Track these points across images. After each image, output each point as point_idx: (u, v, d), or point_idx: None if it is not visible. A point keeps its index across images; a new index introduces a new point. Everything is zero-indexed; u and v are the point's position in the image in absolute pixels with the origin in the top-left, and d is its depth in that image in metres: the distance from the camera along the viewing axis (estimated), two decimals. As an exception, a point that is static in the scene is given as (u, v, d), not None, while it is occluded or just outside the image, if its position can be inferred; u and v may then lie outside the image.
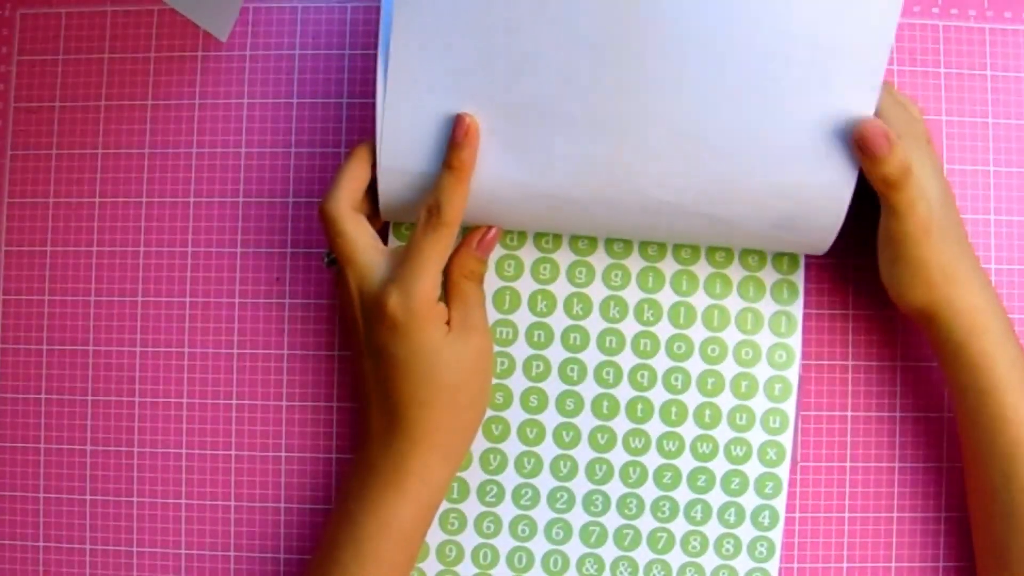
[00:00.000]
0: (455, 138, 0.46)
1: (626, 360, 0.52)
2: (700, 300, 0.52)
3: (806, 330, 0.53)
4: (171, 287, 0.54)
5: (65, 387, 0.54)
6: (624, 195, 0.47)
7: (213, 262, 0.54)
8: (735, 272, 0.52)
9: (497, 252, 0.52)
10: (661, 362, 0.52)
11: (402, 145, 0.47)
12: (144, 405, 0.53)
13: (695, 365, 0.52)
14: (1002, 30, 0.54)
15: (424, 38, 0.47)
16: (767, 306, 0.52)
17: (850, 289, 0.53)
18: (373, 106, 0.54)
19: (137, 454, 0.53)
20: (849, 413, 0.53)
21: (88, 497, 0.53)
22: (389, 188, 0.48)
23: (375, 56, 0.54)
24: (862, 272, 0.53)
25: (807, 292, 0.52)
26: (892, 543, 0.52)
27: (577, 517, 0.52)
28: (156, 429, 0.53)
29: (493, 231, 0.49)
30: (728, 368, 0.52)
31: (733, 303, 0.52)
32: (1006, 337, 0.47)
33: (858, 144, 0.44)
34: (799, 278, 0.52)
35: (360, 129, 0.54)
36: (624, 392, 0.52)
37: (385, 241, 0.51)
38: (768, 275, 0.52)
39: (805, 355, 0.53)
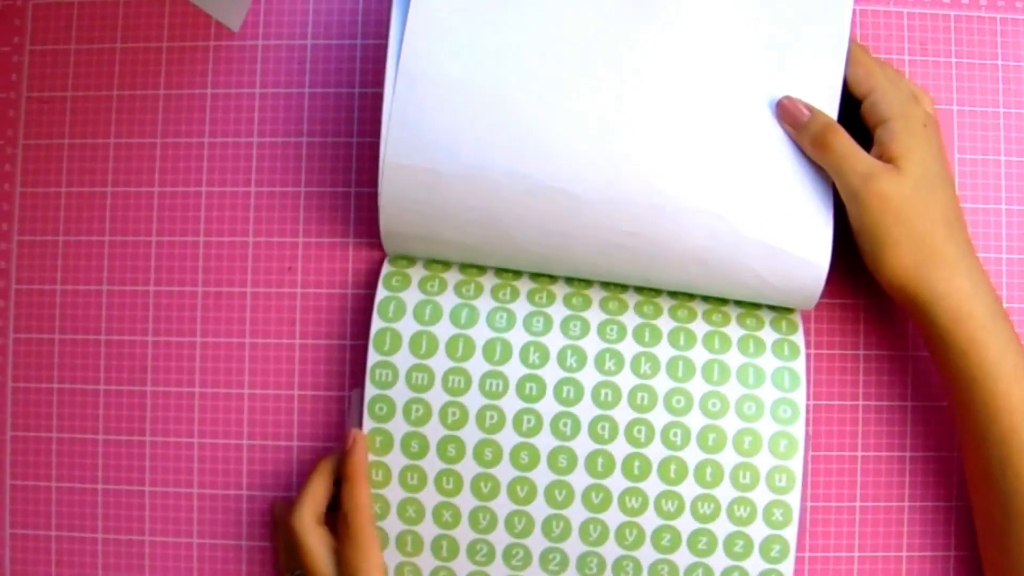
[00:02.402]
0: (344, 447, 0.48)
1: (622, 414, 0.48)
2: (699, 354, 0.49)
3: (816, 319, 0.53)
4: (183, 276, 0.54)
5: (77, 376, 0.54)
6: (625, 188, 0.47)
7: (225, 251, 0.54)
8: (734, 330, 0.50)
9: (488, 304, 0.50)
10: (660, 416, 0.48)
11: (407, 139, 0.47)
12: (156, 394, 0.54)
13: (695, 419, 0.48)
14: (1013, 20, 0.54)
15: (435, 34, 0.47)
16: (768, 362, 0.49)
17: (861, 280, 0.53)
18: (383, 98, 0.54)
19: (149, 443, 0.53)
20: (860, 403, 0.53)
21: (100, 486, 0.53)
22: (392, 185, 0.48)
23: (387, 45, 0.54)
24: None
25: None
26: (903, 532, 0.52)
27: None
28: (168, 418, 0.53)
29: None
30: (730, 423, 0.48)
31: (733, 359, 0.49)
32: (995, 323, 0.46)
33: (783, 119, 0.48)
34: (799, 339, 0.50)
35: (372, 119, 0.54)
36: (620, 448, 0.48)
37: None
38: (768, 335, 0.50)
39: (816, 344, 0.53)
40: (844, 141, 0.47)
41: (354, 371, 0.53)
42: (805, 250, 0.48)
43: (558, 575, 0.49)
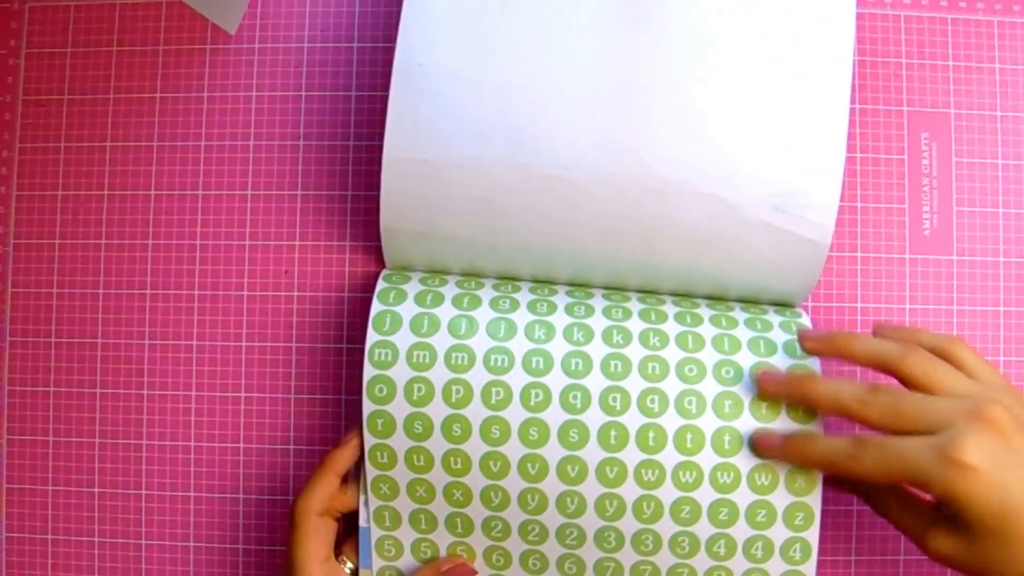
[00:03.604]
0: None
1: (633, 385, 0.46)
2: (707, 330, 0.48)
3: (814, 323, 0.53)
4: (180, 280, 0.54)
5: (74, 380, 0.54)
6: (624, 173, 0.47)
7: (222, 255, 0.54)
8: (739, 315, 0.49)
9: (490, 293, 0.49)
10: (672, 385, 0.47)
11: (405, 132, 0.47)
12: (152, 398, 0.54)
13: (709, 387, 0.46)
14: (1011, 23, 0.54)
15: (430, 26, 0.47)
16: (778, 336, 0.48)
17: (858, 283, 0.53)
18: (381, 99, 0.54)
19: (146, 447, 0.53)
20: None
21: (96, 490, 0.53)
22: (393, 179, 0.48)
23: (383, 48, 0.55)
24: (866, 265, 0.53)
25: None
26: (901, 536, 0.52)
27: None
28: (165, 422, 0.53)
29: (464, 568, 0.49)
30: (744, 390, 0.46)
31: (742, 334, 0.48)
32: None
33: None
34: (806, 321, 0.49)
35: (368, 122, 0.54)
36: (633, 419, 0.46)
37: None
38: (774, 318, 0.49)
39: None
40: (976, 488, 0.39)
41: (350, 374, 0.53)
42: (806, 228, 0.48)
43: (576, 549, 0.47)
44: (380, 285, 0.49)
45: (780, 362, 0.47)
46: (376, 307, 0.48)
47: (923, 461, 0.39)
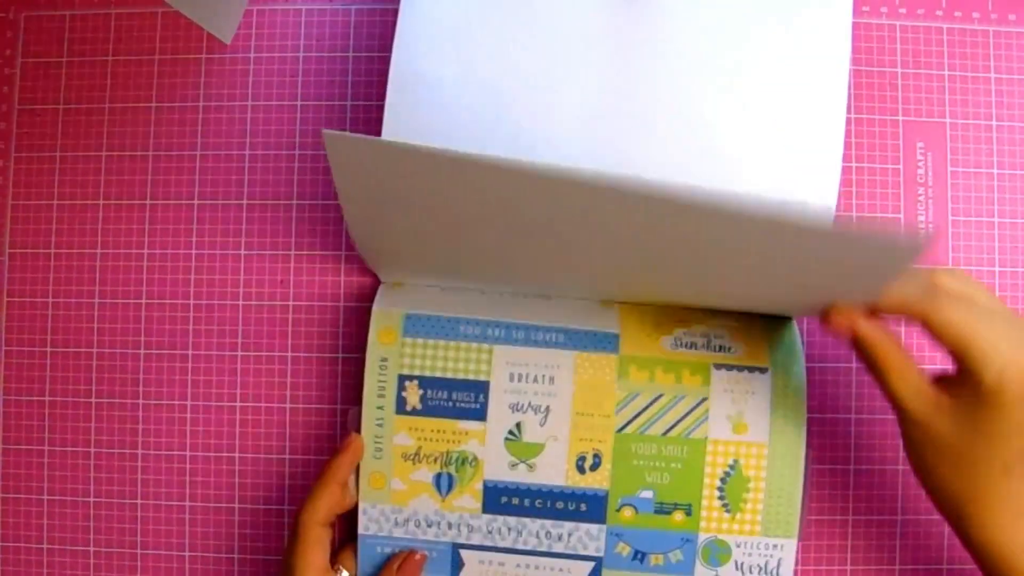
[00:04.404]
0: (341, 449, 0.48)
1: None
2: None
3: (810, 332, 0.53)
4: (175, 289, 0.54)
5: (69, 389, 0.54)
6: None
7: (217, 264, 0.54)
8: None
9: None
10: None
11: (402, 126, 0.47)
12: (148, 407, 0.53)
13: None
14: (1006, 32, 0.54)
15: (426, 35, 0.47)
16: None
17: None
18: (377, 108, 0.54)
19: (141, 456, 0.53)
20: (853, 416, 0.53)
21: (92, 499, 0.53)
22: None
23: (378, 58, 0.55)
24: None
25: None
26: (896, 546, 0.52)
27: None
28: (160, 431, 0.53)
29: (419, 556, 0.49)
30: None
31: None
32: None
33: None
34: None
35: (364, 131, 0.54)
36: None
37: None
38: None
39: (809, 357, 0.53)
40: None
41: (346, 383, 0.53)
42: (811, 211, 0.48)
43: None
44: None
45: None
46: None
47: (998, 350, 0.40)
